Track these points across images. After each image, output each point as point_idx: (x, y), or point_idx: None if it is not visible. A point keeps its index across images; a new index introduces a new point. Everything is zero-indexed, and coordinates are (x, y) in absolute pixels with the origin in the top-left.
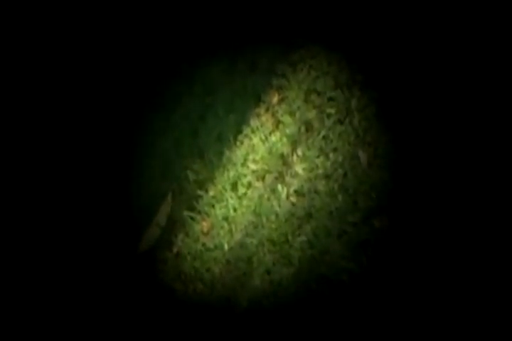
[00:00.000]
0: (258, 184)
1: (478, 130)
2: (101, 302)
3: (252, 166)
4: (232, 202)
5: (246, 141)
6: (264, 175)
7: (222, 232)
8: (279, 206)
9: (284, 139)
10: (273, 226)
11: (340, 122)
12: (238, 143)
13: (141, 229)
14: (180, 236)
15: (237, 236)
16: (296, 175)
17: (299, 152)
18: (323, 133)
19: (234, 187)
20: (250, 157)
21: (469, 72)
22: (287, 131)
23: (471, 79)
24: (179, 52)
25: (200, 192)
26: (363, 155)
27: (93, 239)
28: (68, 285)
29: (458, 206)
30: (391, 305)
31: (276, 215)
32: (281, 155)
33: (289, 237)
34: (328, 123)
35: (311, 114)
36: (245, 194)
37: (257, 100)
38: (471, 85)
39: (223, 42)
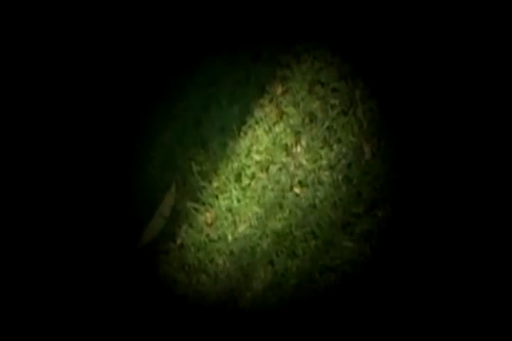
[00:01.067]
0: (262, 175)
1: (480, 121)
2: (105, 293)
3: (256, 157)
4: (236, 193)
5: (250, 132)
6: (268, 166)
7: (225, 223)
8: (283, 197)
9: (288, 130)
10: (277, 217)
11: (344, 113)
12: (242, 134)
13: (145, 220)
14: (184, 227)
15: (241, 227)
16: (300, 166)
17: (303, 143)
18: (327, 124)
19: (238, 178)
20: (254, 148)
21: (473, 65)
22: (291, 121)
23: (474, 71)
24: (182, 42)
25: (203, 184)
26: (366, 146)
27: (97, 230)
28: (72, 278)
29: (461, 197)
30: (394, 296)
31: (280, 206)
32: (285, 146)
33: (293, 228)
34: (332, 114)
35: (315, 105)
36: (249, 185)
37: (261, 91)
38: (474, 77)
39: (226, 32)
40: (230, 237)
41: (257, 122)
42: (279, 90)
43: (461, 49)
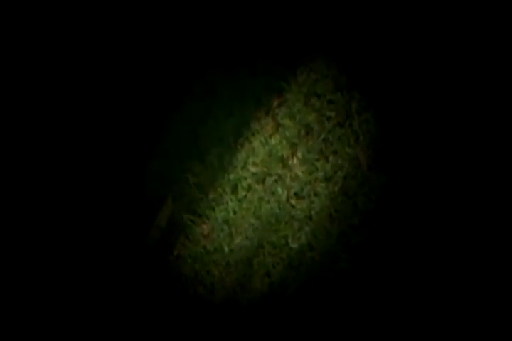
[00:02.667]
0: (258, 187)
1: (478, 132)
2: (100, 304)
3: (252, 169)
4: (232, 204)
5: (246, 144)
6: (264, 177)
7: (222, 235)
8: (279, 208)
9: (284, 142)
10: (273, 228)
11: (340, 125)
12: (238, 146)
13: (142, 231)
14: (181, 238)
15: (237, 239)
16: (296, 177)
17: (299, 155)
18: (323, 136)
19: (234, 190)
20: (250, 160)
21: (470, 74)
22: (287, 133)
23: (471, 81)
24: (179, 54)
25: (200, 195)
26: (362, 158)
27: (93, 241)
28: (67, 288)
29: (458, 208)
30: (390, 307)
31: (276, 218)
32: (281, 158)
33: (289, 240)
34: (328, 126)
35: (311, 117)
36: (245, 197)
37: (257, 103)
38: (471, 87)
39: (224, 44)
40: (226, 249)
41: (253, 134)
42: (275, 102)
43: (456, 59)
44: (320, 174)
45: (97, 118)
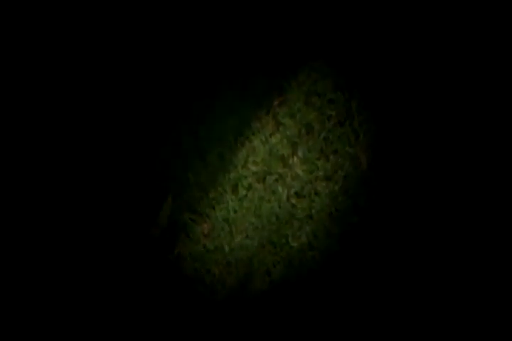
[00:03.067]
0: (258, 186)
1: (478, 131)
2: (100, 302)
3: (253, 168)
4: (233, 203)
5: (246, 143)
6: (264, 176)
7: (222, 234)
8: (280, 207)
9: (285, 141)
10: (273, 227)
11: (341, 124)
12: (239, 145)
13: (142, 230)
14: (181, 237)
15: (238, 237)
16: (296, 176)
17: (300, 154)
18: (323, 135)
19: (234, 189)
20: (251, 159)
21: (469, 73)
22: (288, 132)
23: (471, 80)
24: (178, 54)
25: (200, 194)
26: (363, 157)
27: (93, 240)
28: (66, 285)
29: (458, 207)
30: (391, 306)
31: (277, 217)
32: (282, 157)
33: (290, 239)
34: (329, 125)
35: (312, 116)
36: (246, 196)
37: (257, 102)
38: (471, 86)
39: (223, 44)
40: (226, 248)
41: (253, 133)
42: (276, 101)
43: (456, 58)
44: (320, 173)
45: (97, 118)
